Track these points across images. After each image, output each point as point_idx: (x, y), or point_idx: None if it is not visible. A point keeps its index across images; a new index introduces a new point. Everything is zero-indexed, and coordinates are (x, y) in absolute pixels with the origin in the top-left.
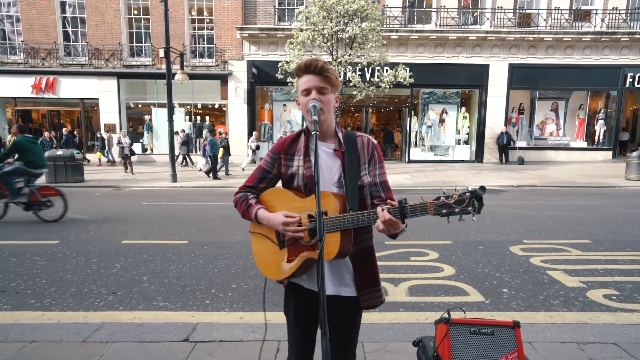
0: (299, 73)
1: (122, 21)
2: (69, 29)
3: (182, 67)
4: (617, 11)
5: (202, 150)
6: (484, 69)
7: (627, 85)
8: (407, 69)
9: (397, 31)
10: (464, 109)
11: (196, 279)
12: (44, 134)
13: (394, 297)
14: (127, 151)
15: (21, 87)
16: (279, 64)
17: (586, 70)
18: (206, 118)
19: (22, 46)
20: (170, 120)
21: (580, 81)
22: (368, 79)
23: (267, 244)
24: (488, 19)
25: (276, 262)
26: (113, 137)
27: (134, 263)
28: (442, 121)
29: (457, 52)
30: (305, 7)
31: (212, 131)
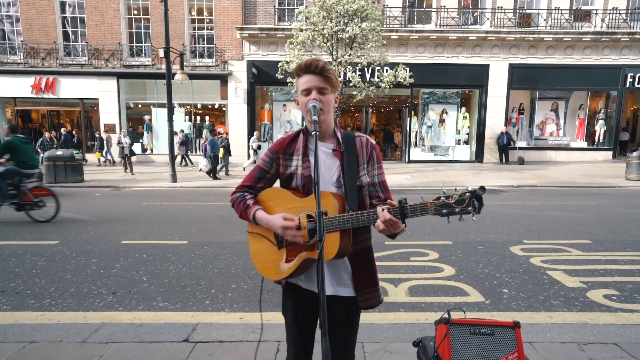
0: (299, 73)
1: (122, 21)
2: (69, 29)
3: (182, 67)
4: (617, 11)
5: (203, 151)
6: (484, 69)
7: (627, 85)
8: (407, 69)
9: (397, 31)
10: (464, 109)
11: (196, 279)
12: (45, 134)
13: (394, 297)
14: (127, 151)
15: (21, 87)
16: (279, 64)
17: (586, 70)
18: (206, 118)
19: (21, 46)
20: (170, 120)
21: (581, 81)
22: (368, 79)
23: (266, 244)
24: (488, 19)
25: (274, 262)
26: (112, 137)
27: (133, 263)
28: (442, 121)
29: (457, 52)
30: (305, 7)
31: (213, 131)
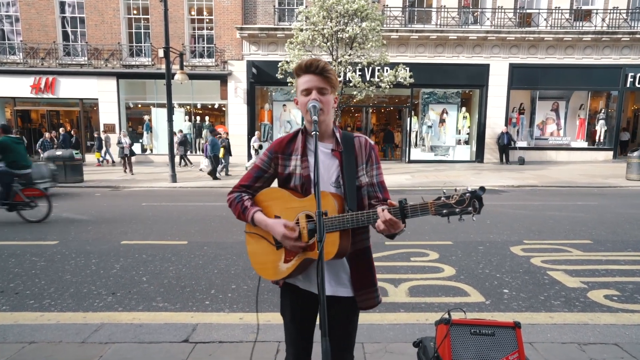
0: (299, 72)
1: (121, 21)
2: (68, 29)
3: (181, 67)
4: (618, 11)
5: (205, 151)
6: (485, 68)
7: (627, 85)
8: (407, 69)
9: (397, 31)
10: (464, 109)
11: (196, 279)
12: (45, 134)
13: (394, 297)
14: (126, 151)
15: (20, 87)
16: (279, 64)
17: (587, 70)
18: (206, 118)
19: (21, 46)
20: (170, 120)
21: (581, 81)
22: (368, 79)
23: (264, 244)
24: (488, 18)
25: (273, 263)
26: (110, 137)
27: (133, 263)
28: (442, 121)
29: (458, 52)
30: (305, 7)
31: (214, 131)
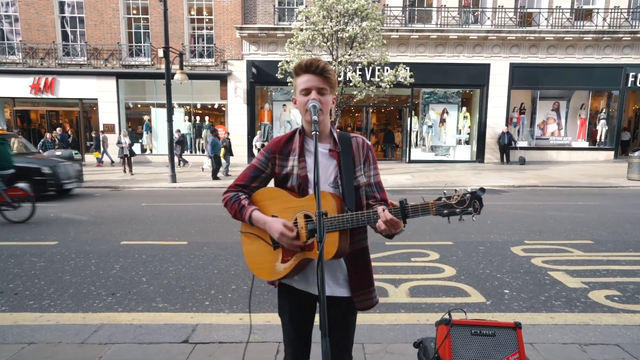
0: (299, 72)
1: (121, 21)
2: (68, 29)
3: (181, 67)
4: (619, 10)
5: (208, 151)
6: (485, 68)
7: (628, 85)
8: (408, 68)
9: (397, 31)
10: (464, 108)
11: (196, 280)
12: (46, 134)
13: (395, 298)
14: (126, 151)
15: (19, 87)
16: (279, 64)
17: (588, 70)
18: (206, 118)
19: (20, 46)
20: (170, 120)
21: (582, 81)
22: (368, 78)
23: (260, 244)
24: (489, 18)
25: (270, 263)
26: (108, 137)
27: (133, 264)
28: (442, 121)
29: (458, 52)
30: (305, 6)
31: (215, 131)
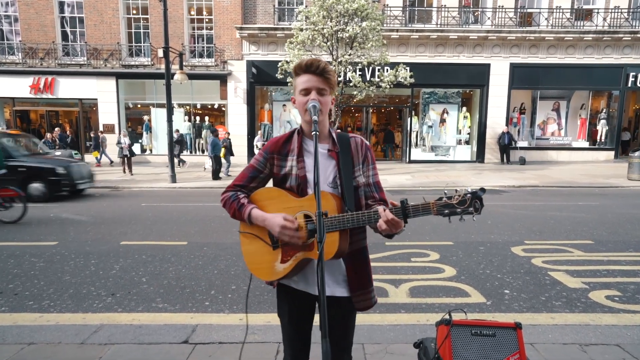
0: (299, 71)
1: (120, 21)
2: (68, 29)
3: (181, 67)
4: (619, 10)
5: (208, 151)
6: (485, 68)
7: (629, 85)
8: (408, 68)
9: (397, 31)
10: (464, 108)
11: (196, 280)
12: (47, 135)
13: (395, 298)
14: (126, 152)
15: (19, 87)
16: (279, 64)
17: (588, 70)
18: (205, 118)
19: (20, 46)
20: (170, 120)
21: (582, 81)
22: (368, 78)
23: (259, 244)
24: (489, 18)
25: (269, 263)
26: (106, 137)
27: (133, 264)
28: (442, 121)
29: (458, 52)
30: (305, 6)
31: (215, 132)
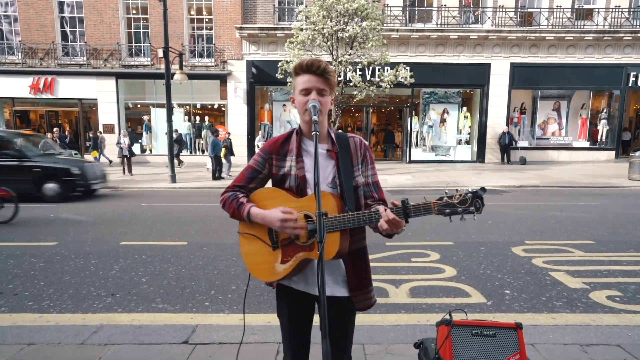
0: (299, 71)
1: (120, 21)
2: (67, 29)
3: (181, 67)
4: (620, 10)
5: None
6: (486, 68)
7: (629, 85)
8: (408, 68)
9: (397, 30)
10: (465, 108)
11: (195, 280)
12: (47, 135)
13: (395, 298)
14: (125, 152)
15: (19, 87)
16: (279, 64)
17: (588, 70)
18: (205, 118)
19: (19, 46)
20: (170, 120)
21: (583, 80)
22: (368, 78)
23: (259, 244)
24: (489, 18)
25: (269, 264)
26: (105, 137)
27: (132, 264)
28: (443, 121)
29: (458, 52)
30: (305, 6)
31: (216, 132)
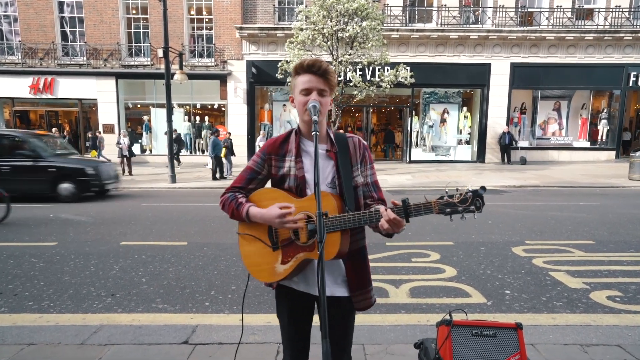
0: (300, 71)
1: (120, 21)
2: (67, 29)
3: (181, 67)
4: (620, 9)
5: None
6: (486, 68)
7: (630, 85)
8: (408, 68)
9: (397, 30)
10: (465, 108)
11: (195, 280)
12: None
13: (395, 298)
14: (125, 152)
15: (19, 87)
16: (279, 64)
17: (589, 69)
18: (205, 118)
19: (19, 46)
20: (170, 120)
21: (583, 80)
22: (369, 78)
23: (258, 245)
24: (489, 17)
25: (269, 264)
26: (104, 137)
27: (132, 265)
28: (443, 121)
29: (459, 52)
30: (305, 6)
31: (217, 132)
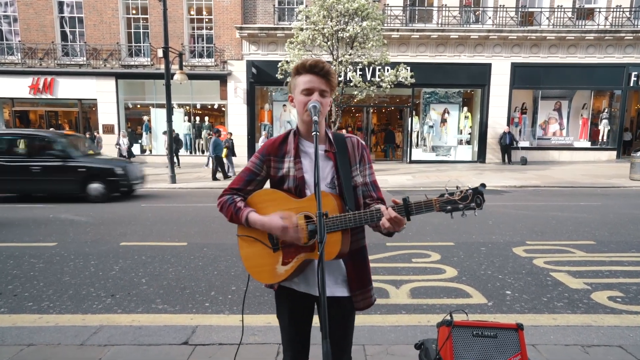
0: (301, 71)
1: (120, 21)
2: (67, 29)
3: (181, 67)
4: (621, 9)
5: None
6: (486, 68)
7: (631, 84)
8: (409, 68)
9: (398, 30)
10: (465, 108)
11: (195, 281)
12: None
13: (396, 299)
14: (124, 152)
15: (19, 87)
16: (279, 64)
17: (590, 69)
18: (205, 118)
19: (19, 46)
20: (169, 120)
21: (584, 80)
22: (369, 78)
23: (258, 247)
24: (490, 17)
25: (270, 266)
26: (103, 138)
27: (132, 265)
28: (443, 121)
29: (459, 52)
30: (305, 6)
31: (217, 132)
